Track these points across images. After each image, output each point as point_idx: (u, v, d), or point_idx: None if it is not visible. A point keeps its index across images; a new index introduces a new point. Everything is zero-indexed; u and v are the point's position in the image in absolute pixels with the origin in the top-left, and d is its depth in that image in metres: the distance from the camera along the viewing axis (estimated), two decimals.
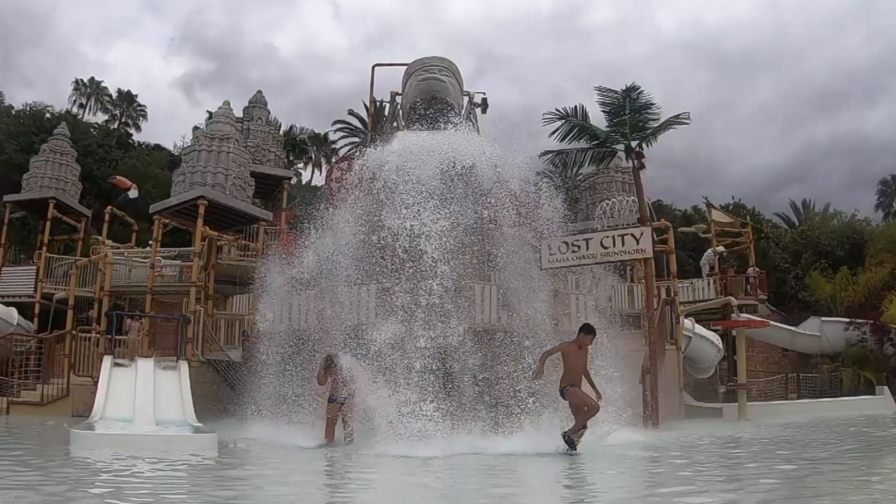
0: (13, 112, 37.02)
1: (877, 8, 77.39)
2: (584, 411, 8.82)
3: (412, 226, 11.85)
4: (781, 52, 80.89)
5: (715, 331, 17.84)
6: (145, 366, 11.48)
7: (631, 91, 14.92)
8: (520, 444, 9.37)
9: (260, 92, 24.04)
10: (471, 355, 11.27)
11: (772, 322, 20.74)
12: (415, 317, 11.15)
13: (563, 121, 15.19)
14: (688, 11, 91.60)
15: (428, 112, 14.68)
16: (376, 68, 18.18)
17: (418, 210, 11.98)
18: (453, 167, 12.66)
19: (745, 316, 18.52)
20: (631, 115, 14.84)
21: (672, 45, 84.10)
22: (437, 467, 7.95)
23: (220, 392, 14.29)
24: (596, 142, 15.41)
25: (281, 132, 30.49)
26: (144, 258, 18.58)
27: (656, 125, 14.97)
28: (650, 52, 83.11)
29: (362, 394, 10.12)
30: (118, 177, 23.93)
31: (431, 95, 14.80)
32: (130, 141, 43.69)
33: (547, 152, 17.52)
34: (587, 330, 9.53)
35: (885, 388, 17.46)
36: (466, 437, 9.97)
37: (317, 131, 49.34)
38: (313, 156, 49.75)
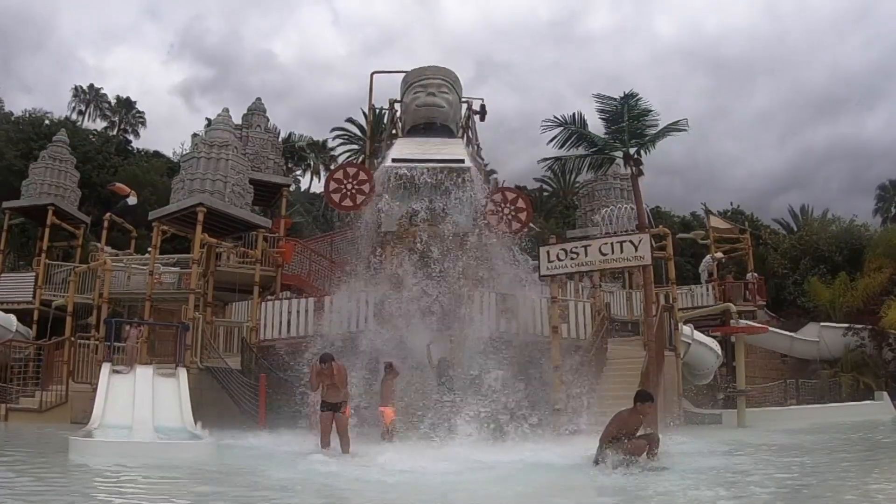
0: (13, 118, 37.08)
1: (875, 13, 78.02)
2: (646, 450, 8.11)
3: (414, 227, 11.94)
4: (780, 57, 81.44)
5: (714, 337, 17.84)
6: (144, 373, 11.49)
7: (629, 98, 14.97)
8: (521, 451, 9.37)
9: (259, 99, 24.07)
10: (470, 358, 11.29)
11: (771, 328, 20.71)
12: (415, 319, 11.19)
13: (562, 128, 15.23)
14: (686, 18, 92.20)
15: (427, 135, 14.81)
16: (375, 76, 18.29)
17: (419, 210, 12.08)
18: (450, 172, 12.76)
19: (744, 322, 18.52)
20: (629, 122, 14.87)
21: (670, 52, 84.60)
22: (439, 470, 7.95)
23: (218, 399, 14.25)
24: (594, 149, 15.45)
25: (280, 139, 30.51)
26: (143, 265, 18.57)
27: (655, 132, 15.00)
28: (649, 59, 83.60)
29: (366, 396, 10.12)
30: (117, 184, 23.88)
31: (430, 121, 14.93)
32: (129, 147, 43.74)
33: (545, 159, 17.59)
34: (643, 398, 8.45)
35: (885, 393, 17.44)
36: (466, 441, 9.97)
37: (315, 138, 49.53)
38: (312, 163, 49.80)
